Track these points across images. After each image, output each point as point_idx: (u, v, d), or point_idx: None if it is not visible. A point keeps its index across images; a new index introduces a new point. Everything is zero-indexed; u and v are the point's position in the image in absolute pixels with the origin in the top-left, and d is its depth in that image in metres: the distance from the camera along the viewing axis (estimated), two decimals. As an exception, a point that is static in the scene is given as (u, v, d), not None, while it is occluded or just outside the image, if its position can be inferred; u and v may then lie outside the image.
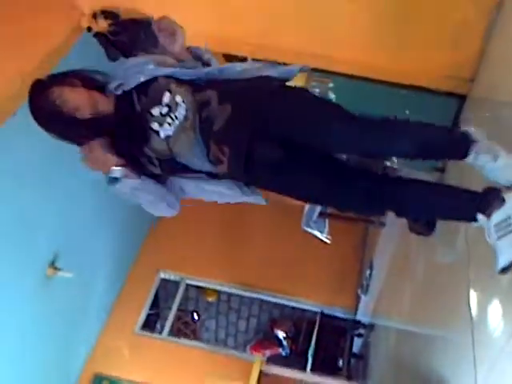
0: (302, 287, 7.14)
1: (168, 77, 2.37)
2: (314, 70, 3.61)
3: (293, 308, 7.98)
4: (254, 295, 7.55)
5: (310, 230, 5.69)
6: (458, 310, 2.96)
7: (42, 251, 4.86)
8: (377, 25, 3.51)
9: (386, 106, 3.81)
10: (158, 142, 2.31)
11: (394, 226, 5.36)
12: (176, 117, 2.31)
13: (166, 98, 2.32)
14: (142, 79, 2.33)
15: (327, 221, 5.83)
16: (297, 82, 2.63)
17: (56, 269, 5.01)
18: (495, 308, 2.52)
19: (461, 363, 2.76)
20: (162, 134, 2.30)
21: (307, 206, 5.58)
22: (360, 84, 3.70)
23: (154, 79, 2.35)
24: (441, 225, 3.50)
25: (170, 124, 2.31)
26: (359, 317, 6.72)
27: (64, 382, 5.90)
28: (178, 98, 2.33)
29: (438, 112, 3.80)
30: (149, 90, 2.34)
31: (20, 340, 4.76)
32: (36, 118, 2.31)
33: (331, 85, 3.67)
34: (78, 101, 2.28)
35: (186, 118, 2.32)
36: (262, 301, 8.22)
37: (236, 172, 2.35)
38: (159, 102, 2.32)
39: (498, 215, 2.11)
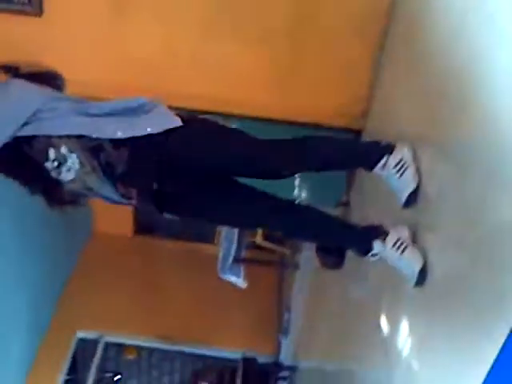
0: (223, 335, 7.07)
1: None
2: (214, 113, 3.70)
3: (215, 358, 7.88)
4: (175, 348, 7.41)
5: (226, 276, 5.70)
6: (372, 341, 3.04)
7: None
8: (271, 67, 3.65)
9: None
10: (65, 185, 2.30)
11: (307, 266, 5.45)
12: (70, 167, 2.30)
13: (52, 153, 2.30)
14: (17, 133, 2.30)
15: (242, 266, 5.87)
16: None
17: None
18: (404, 330, 2.61)
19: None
20: (65, 179, 2.30)
21: (221, 254, 5.61)
22: (261, 125, 3.78)
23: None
24: (351, 258, 3.59)
25: (69, 170, 2.30)
26: (282, 360, 6.72)
27: None
28: (64, 150, 2.30)
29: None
30: (33, 143, 2.32)
31: None
32: None
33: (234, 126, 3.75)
34: None
35: (82, 165, 2.30)
36: (183, 353, 8.06)
37: (147, 208, 2.37)
38: (46, 159, 2.31)
39: (391, 236, 2.44)
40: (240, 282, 5.84)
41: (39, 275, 6.33)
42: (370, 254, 2.45)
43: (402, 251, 2.35)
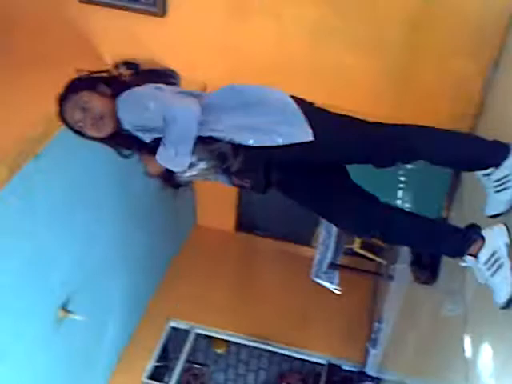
0: (312, 338, 7.10)
1: None
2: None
3: (302, 361, 7.92)
4: (264, 347, 7.45)
5: (319, 280, 5.74)
6: (455, 362, 3.02)
7: (55, 292, 4.88)
8: (382, 76, 3.69)
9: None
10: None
11: (402, 278, 5.42)
12: (195, 170, 2.45)
13: None
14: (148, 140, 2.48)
15: (337, 272, 5.89)
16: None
17: (67, 311, 5.03)
18: (488, 360, 2.58)
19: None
20: (186, 175, 2.46)
21: (317, 257, 5.66)
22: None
23: None
24: (446, 275, 3.57)
25: (192, 169, 2.45)
26: (368, 370, 6.69)
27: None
28: (194, 158, 2.43)
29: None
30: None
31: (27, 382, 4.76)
32: (61, 118, 2.51)
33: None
34: (103, 109, 2.45)
35: (206, 169, 2.46)
36: (271, 353, 8.14)
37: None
38: None
39: (483, 254, 2.24)
40: (333, 287, 5.87)
41: (141, 260, 6.59)
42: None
43: (494, 272, 2.25)
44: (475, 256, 2.32)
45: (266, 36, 3.84)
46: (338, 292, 5.81)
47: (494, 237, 2.29)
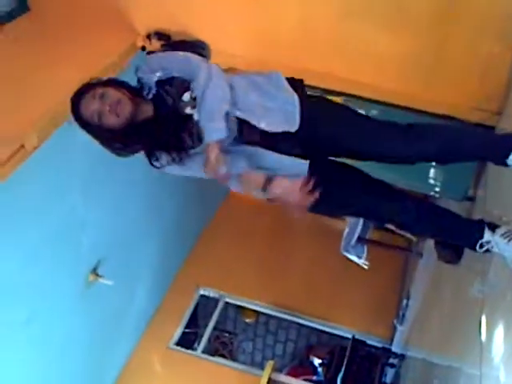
0: (340, 312, 7.16)
1: None
2: (350, 95, 3.76)
3: (330, 335, 7.94)
4: (292, 318, 7.53)
5: (348, 254, 5.76)
6: (472, 343, 3.04)
7: (86, 256, 4.98)
8: (410, 55, 3.65)
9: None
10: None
11: (430, 256, 5.39)
12: None
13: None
14: (158, 74, 2.48)
15: (366, 246, 5.90)
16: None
17: (98, 275, 5.13)
18: (500, 344, 2.61)
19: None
20: (196, 117, 2.40)
21: (346, 230, 5.67)
22: (394, 111, 3.82)
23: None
24: (471, 256, 3.56)
25: None
26: (394, 347, 6.71)
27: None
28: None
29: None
30: (173, 82, 2.47)
31: (57, 346, 4.86)
32: (75, 116, 2.49)
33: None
34: (120, 95, 2.43)
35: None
36: (299, 325, 8.21)
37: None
38: (188, 88, 2.44)
39: (500, 229, 2.47)
40: (361, 262, 5.88)
41: (172, 228, 6.68)
42: (479, 243, 2.51)
43: (510, 239, 2.44)
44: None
45: (289, 8, 3.79)
46: (365, 267, 5.82)
47: None
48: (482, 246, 2.53)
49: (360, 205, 2.68)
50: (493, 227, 2.56)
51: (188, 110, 2.41)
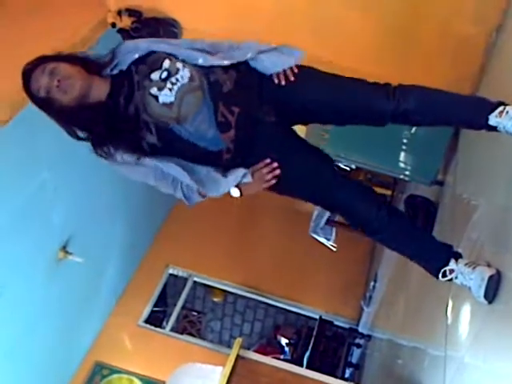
0: (308, 294, 7.24)
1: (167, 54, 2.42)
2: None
3: (297, 314, 8.05)
4: (260, 299, 7.61)
5: (316, 236, 5.81)
6: (437, 324, 3.09)
7: (56, 233, 4.97)
8: (383, 36, 3.66)
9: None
10: (157, 106, 2.32)
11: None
12: (177, 79, 2.32)
13: (166, 63, 2.35)
14: (137, 55, 2.38)
15: (334, 229, 5.95)
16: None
17: (67, 253, 5.12)
18: (465, 322, 2.67)
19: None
20: (161, 99, 2.31)
21: (315, 213, 5.71)
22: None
23: (152, 52, 2.40)
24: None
25: (170, 90, 2.31)
26: (361, 328, 6.80)
27: (65, 368, 5.96)
28: (179, 64, 2.35)
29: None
30: (147, 60, 2.38)
31: (26, 321, 4.85)
32: (24, 88, 2.36)
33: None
34: (71, 71, 2.31)
35: (191, 78, 2.33)
36: (267, 305, 8.31)
37: (242, 136, 2.40)
38: (159, 67, 2.34)
39: (463, 260, 2.45)
40: (330, 244, 5.94)
41: (142, 205, 6.66)
42: (442, 270, 2.44)
43: (474, 268, 2.35)
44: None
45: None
46: (333, 249, 5.89)
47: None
48: (444, 274, 2.47)
49: (331, 200, 2.62)
50: (457, 257, 2.45)
51: (153, 91, 2.31)
